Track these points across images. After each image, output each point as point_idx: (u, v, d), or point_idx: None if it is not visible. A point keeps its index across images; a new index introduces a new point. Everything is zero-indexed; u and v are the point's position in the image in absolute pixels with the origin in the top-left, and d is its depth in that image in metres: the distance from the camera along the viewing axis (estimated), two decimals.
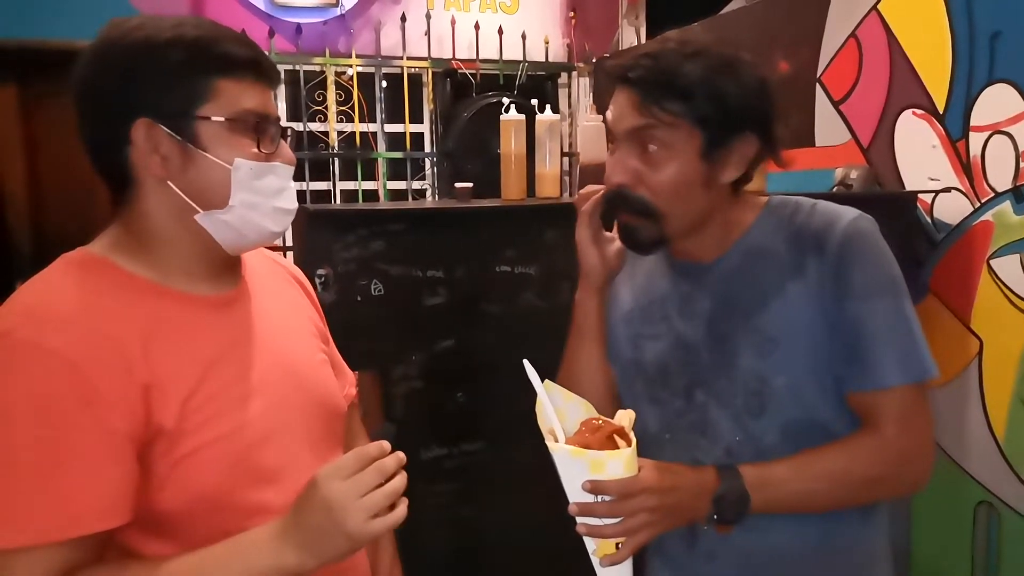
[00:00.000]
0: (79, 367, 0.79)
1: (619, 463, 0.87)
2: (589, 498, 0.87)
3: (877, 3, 2.33)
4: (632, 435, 0.91)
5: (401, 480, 0.84)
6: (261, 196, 0.90)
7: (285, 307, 1.06)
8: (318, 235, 1.67)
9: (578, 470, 0.87)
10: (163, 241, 0.90)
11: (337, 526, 0.80)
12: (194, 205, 0.88)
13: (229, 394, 0.90)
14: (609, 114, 1.03)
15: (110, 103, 0.87)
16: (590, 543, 0.91)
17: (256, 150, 0.89)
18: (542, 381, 0.97)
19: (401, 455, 0.85)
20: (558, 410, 0.99)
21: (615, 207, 1.05)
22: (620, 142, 1.01)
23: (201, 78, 0.86)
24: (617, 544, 0.90)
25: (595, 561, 0.91)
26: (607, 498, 0.87)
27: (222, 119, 0.87)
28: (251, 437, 0.90)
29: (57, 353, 0.79)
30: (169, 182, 0.88)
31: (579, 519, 0.89)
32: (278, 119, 0.93)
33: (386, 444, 0.85)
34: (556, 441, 0.92)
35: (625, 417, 0.94)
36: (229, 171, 0.88)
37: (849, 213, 1.01)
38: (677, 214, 1.01)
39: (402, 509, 0.84)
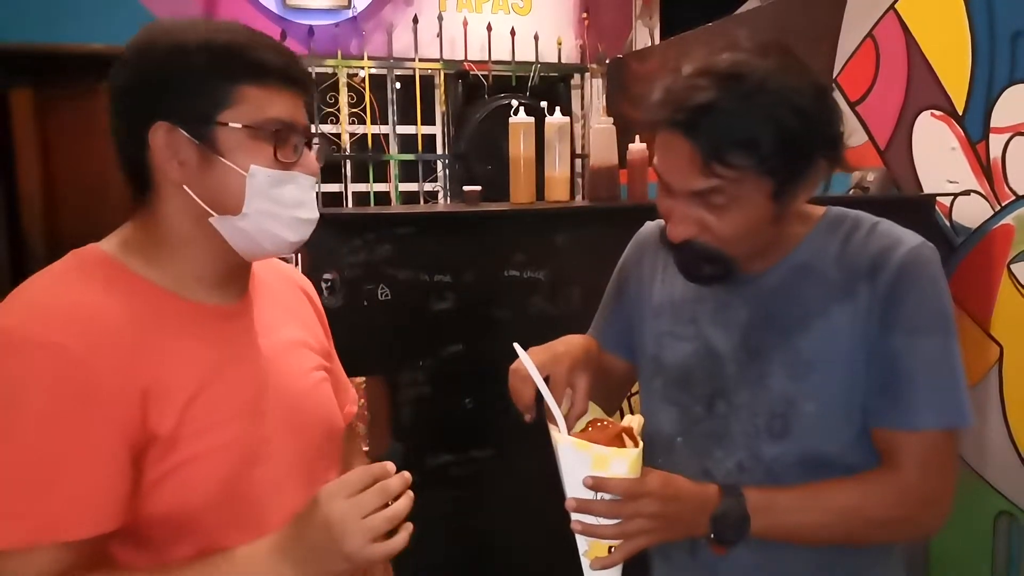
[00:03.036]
0: (83, 363, 0.78)
1: (624, 462, 0.85)
2: (589, 495, 0.85)
3: (894, 2, 2.30)
4: (640, 439, 0.89)
5: (405, 503, 0.82)
6: (279, 205, 0.89)
7: (289, 321, 1.04)
8: (325, 239, 1.65)
9: (581, 464, 0.85)
10: (175, 245, 0.90)
11: (336, 546, 0.79)
12: (209, 209, 0.88)
13: (225, 407, 0.88)
14: (659, 161, 0.95)
15: (133, 105, 0.88)
16: (582, 543, 0.89)
17: (275, 159, 0.88)
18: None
19: (407, 476, 0.83)
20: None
21: (678, 253, 0.99)
22: (679, 198, 0.94)
23: (225, 84, 0.86)
24: (610, 548, 0.88)
25: (584, 563, 0.89)
26: (607, 497, 0.85)
27: (239, 125, 0.86)
28: (243, 452, 0.89)
29: (61, 349, 0.78)
30: (185, 186, 0.87)
31: (575, 516, 0.87)
32: (306, 128, 0.92)
33: (391, 465, 0.83)
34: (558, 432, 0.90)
35: (634, 421, 0.93)
36: (245, 178, 0.87)
37: (911, 239, 0.96)
38: (743, 250, 0.97)
39: (403, 536, 0.82)
